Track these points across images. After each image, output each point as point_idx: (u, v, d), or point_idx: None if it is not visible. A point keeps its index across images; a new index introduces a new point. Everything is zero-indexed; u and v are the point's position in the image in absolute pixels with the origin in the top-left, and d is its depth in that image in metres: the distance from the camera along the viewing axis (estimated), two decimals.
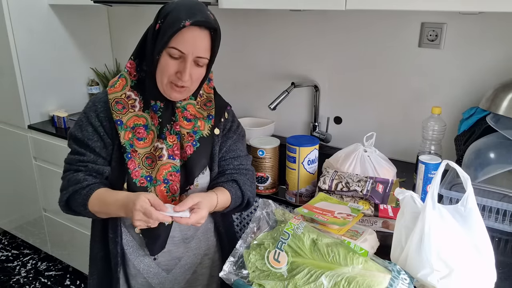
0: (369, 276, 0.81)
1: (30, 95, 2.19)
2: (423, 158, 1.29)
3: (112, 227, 1.14)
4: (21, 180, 2.44)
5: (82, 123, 1.09)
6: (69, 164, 1.11)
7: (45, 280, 2.45)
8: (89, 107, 1.10)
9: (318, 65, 1.86)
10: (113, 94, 1.07)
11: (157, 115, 1.08)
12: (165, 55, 1.01)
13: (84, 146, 1.09)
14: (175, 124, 1.09)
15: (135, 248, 1.17)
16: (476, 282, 0.85)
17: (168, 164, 1.08)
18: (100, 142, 1.08)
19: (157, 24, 1.01)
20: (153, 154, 1.08)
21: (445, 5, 1.20)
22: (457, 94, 1.58)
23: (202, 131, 1.12)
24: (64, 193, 1.09)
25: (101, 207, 1.05)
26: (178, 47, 0.99)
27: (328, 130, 1.90)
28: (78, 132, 1.09)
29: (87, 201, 1.05)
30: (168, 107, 1.09)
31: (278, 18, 1.90)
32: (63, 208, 1.12)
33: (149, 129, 1.08)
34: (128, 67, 1.09)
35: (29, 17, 2.12)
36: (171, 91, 1.05)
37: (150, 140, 1.08)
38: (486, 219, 1.18)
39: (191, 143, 1.10)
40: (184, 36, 0.98)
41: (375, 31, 1.68)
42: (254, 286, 0.87)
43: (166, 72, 1.02)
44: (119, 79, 1.09)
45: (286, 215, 1.00)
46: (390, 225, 1.17)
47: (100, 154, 1.09)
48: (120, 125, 1.06)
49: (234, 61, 2.11)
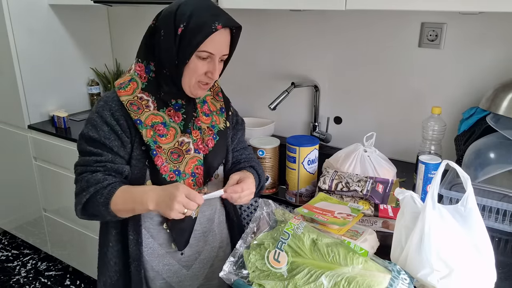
0: (369, 276, 0.81)
1: (30, 95, 2.19)
2: (423, 158, 1.29)
3: (134, 228, 1.12)
4: (21, 180, 2.44)
5: (97, 123, 1.07)
6: (84, 166, 1.07)
7: (45, 280, 2.45)
8: (101, 106, 1.08)
9: (318, 65, 1.86)
10: (125, 97, 1.07)
11: (180, 112, 1.10)
12: (194, 58, 1.03)
13: (101, 146, 1.06)
14: (197, 119, 1.13)
15: (154, 248, 1.16)
16: (476, 282, 0.85)
17: (194, 158, 1.11)
18: (117, 141, 1.07)
19: (179, 28, 1.01)
20: (178, 148, 1.09)
21: (445, 5, 1.20)
22: (457, 94, 1.58)
23: (219, 125, 1.18)
24: (83, 194, 1.04)
25: (126, 204, 1.02)
26: (208, 49, 1.02)
27: (328, 130, 1.90)
28: (93, 132, 1.06)
29: (109, 199, 1.01)
30: (190, 104, 1.12)
31: (278, 18, 1.90)
32: (80, 212, 1.07)
33: (168, 125, 1.09)
34: (138, 71, 1.09)
35: (29, 17, 2.12)
36: (198, 90, 1.08)
37: (172, 136, 1.09)
38: (486, 219, 1.18)
39: (212, 137, 1.15)
40: (215, 39, 1.02)
41: (375, 31, 1.68)
42: (254, 286, 0.87)
43: (195, 74, 1.05)
44: (130, 83, 1.08)
45: (286, 215, 1.00)
46: (390, 225, 1.17)
47: (118, 153, 1.07)
48: (140, 124, 1.06)
49: (234, 61, 2.09)
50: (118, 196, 1.02)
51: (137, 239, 1.13)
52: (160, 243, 1.16)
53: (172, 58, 1.03)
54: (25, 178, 2.40)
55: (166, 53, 1.04)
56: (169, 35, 1.02)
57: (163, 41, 1.04)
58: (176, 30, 1.01)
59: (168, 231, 1.14)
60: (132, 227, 1.12)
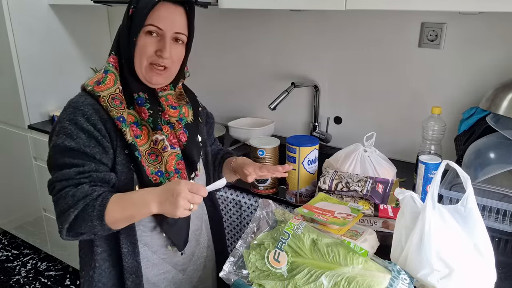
0: (369, 276, 0.81)
1: (30, 95, 2.19)
2: (423, 158, 1.29)
3: (128, 239, 1.04)
4: (21, 180, 2.44)
5: (71, 131, 0.96)
6: (64, 181, 0.94)
7: (45, 280, 2.45)
8: (72, 113, 0.98)
9: (318, 65, 1.86)
10: (106, 91, 1.00)
11: (145, 107, 1.03)
12: (142, 35, 1.00)
13: (81, 155, 0.96)
14: (163, 114, 1.07)
15: (149, 257, 1.09)
16: (476, 282, 0.85)
17: (173, 154, 1.06)
18: (98, 147, 0.98)
19: (130, 9, 1.01)
20: (154, 148, 1.03)
21: (445, 5, 1.20)
22: (457, 94, 1.58)
23: (187, 117, 1.13)
24: (70, 211, 0.92)
25: (125, 211, 0.92)
26: (155, 23, 0.99)
27: (328, 130, 1.90)
28: (69, 142, 0.95)
29: (104, 211, 0.91)
30: (152, 97, 1.06)
31: (278, 18, 1.90)
32: (67, 232, 0.94)
33: (140, 124, 1.03)
34: (112, 62, 1.04)
35: (29, 17, 2.12)
36: (151, 74, 1.02)
37: (146, 136, 1.03)
38: (486, 219, 1.18)
39: (183, 130, 1.10)
40: (160, 12, 0.99)
41: (375, 31, 1.68)
42: (254, 286, 0.87)
43: (145, 53, 1.00)
44: (107, 75, 1.02)
45: (286, 215, 1.00)
46: (390, 225, 1.17)
47: (101, 160, 0.98)
48: (123, 121, 0.99)
49: (234, 61, 2.11)
50: (112, 206, 0.92)
51: (133, 250, 1.04)
52: (154, 250, 1.09)
53: (125, 41, 1.01)
54: (25, 178, 2.40)
55: (122, 38, 1.02)
56: (124, 19, 1.02)
57: (121, 27, 1.03)
58: (128, 12, 1.01)
59: (164, 234, 1.08)
60: (126, 238, 1.03)
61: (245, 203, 1.50)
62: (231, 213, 1.56)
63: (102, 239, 1.04)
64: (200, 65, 2.22)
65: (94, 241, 1.04)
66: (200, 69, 2.23)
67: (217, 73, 2.20)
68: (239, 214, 1.53)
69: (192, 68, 2.42)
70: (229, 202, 1.54)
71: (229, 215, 1.57)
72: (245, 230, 0.98)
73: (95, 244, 1.04)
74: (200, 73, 2.25)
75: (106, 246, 1.05)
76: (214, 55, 2.16)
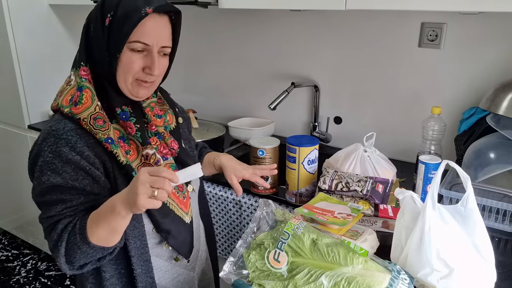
0: (369, 276, 0.81)
1: (30, 95, 2.19)
2: (423, 158, 1.29)
3: (141, 258, 0.99)
4: (21, 180, 2.44)
5: (56, 166, 0.87)
6: (50, 218, 0.89)
7: (45, 280, 2.45)
8: (54, 143, 0.88)
9: (318, 65, 1.86)
10: (86, 111, 0.90)
11: (131, 122, 0.95)
12: (126, 51, 0.90)
13: (68, 190, 0.88)
14: (150, 125, 1.01)
15: (161, 267, 1.06)
16: (476, 282, 0.85)
17: (167, 165, 1.01)
18: (87, 178, 0.89)
19: (107, 18, 0.89)
20: (146, 163, 0.97)
21: (445, 5, 1.20)
22: (457, 94, 1.58)
23: (171, 124, 1.07)
24: (58, 246, 0.87)
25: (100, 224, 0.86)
26: (141, 39, 0.89)
27: (328, 130, 1.90)
28: (55, 178, 0.87)
29: (85, 234, 0.85)
30: (137, 110, 0.98)
31: (278, 18, 1.90)
32: (68, 266, 0.90)
33: (127, 139, 0.96)
34: (84, 75, 0.93)
35: (29, 17, 2.12)
36: (138, 89, 0.95)
37: (135, 150, 0.96)
38: (486, 219, 1.18)
39: (173, 138, 1.05)
40: (146, 26, 0.89)
41: (375, 31, 1.68)
42: (254, 286, 0.87)
43: (131, 70, 0.91)
44: (82, 92, 0.91)
45: (286, 215, 1.00)
46: (390, 225, 1.17)
47: (92, 192, 0.90)
48: (112, 143, 0.91)
49: (234, 61, 2.11)
50: (90, 224, 0.86)
51: (146, 269, 1.01)
52: (165, 259, 1.07)
53: (103, 55, 0.91)
54: (25, 178, 2.38)
55: (96, 51, 0.92)
56: (97, 29, 0.90)
57: (93, 37, 0.91)
58: (103, 21, 0.90)
59: (170, 248, 1.05)
60: (138, 259, 0.99)
61: (245, 203, 1.50)
62: (231, 213, 1.55)
63: (108, 265, 0.98)
64: (200, 65, 2.22)
65: (101, 268, 0.98)
66: (200, 69, 2.23)
67: (217, 73, 2.20)
68: (239, 214, 1.53)
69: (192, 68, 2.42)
70: (229, 202, 1.54)
71: (229, 215, 1.57)
72: (245, 230, 0.98)
73: (101, 271, 0.98)
74: (200, 73, 2.25)
75: (114, 271, 1.00)
76: (214, 55, 2.17)
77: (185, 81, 2.30)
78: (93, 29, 0.92)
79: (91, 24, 0.93)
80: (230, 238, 1.60)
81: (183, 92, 2.34)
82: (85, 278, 1.02)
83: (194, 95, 2.30)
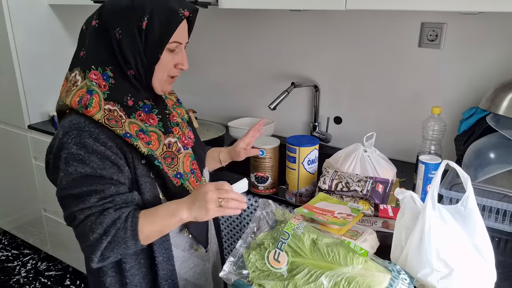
0: (369, 276, 0.81)
1: (30, 95, 2.19)
2: (423, 158, 1.29)
3: (162, 246, 1.02)
4: (21, 180, 2.44)
5: (82, 156, 0.90)
6: (87, 209, 0.89)
7: (45, 280, 2.45)
8: (77, 135, 0.91)
9: (318, 65, 1.86)
10: (98, 114, 0.92)
11: (153, 114, 1.01)
12: (164, 52, 0.96)
13: (98, 179, 0.90)
14: (171, 116, 1.08)
15: (179, 257, 1.10)
16: (476, 282, 0.85)
17: (187, 155, 1.07)
18: (113, 167, 0.92)
19: (143, 22, 0.92)
20: (169, 151, 1.02)
21: (445, 5, 1.20)
22: (457, 94, 1.58)
23: (184, 116, 1.15)
24: (102, 240, 0.87)
25: (154, 225, 0.91)
26: (177, 39, 0.97)
27: (328, 130, 1.90)
28: (82, 168, 0.89)
29: (136, 231, 0.89)
30: (159, 102, 1.04)
31: (278, 18, 1.90)
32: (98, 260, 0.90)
33: (147, 131, 0.99)
34: (95, 79, 0.95)
35: (29, 17, 2.12)
36: (168, 85, 1.03)
37: (156, 141, 1.00)
38: (486, 219, 1.18)
39: (189, 128, 1.13)
40: (180, 27, 0.96)
41: (375, 31, 1.68)
42: (254, 286, 0.87)
43: (166, 68, 0.99)
44: (92, 96, 0.93)
45: (286, 215, 1.00)
46: (390, 225, 1.17)
47: (119, 181, 0.93)
48: (131, 137, 0.94)
49: (234, 61, 2.11)
50: (142, 223, 0.90)
51: (168, 257, 1.04)
52: (183, 248, 1.10)
53: (139, 57, 0.94)
54: (25, 178, 2.40)
55: (131, 54, 0.94)
56: (130, 32, 0.92)
57: (124, 41, 0.93)
58: (139, 25, 0.92)
59: (190, 236, 1.10)
60: (160, 246, 1.02)
61: None
62: None
63: (128, 256, 1.01)
64: (200, 65, 2.22)
65: (121, 260, 1.01)
66: (200, 69, 2.23)
67: (216, 73, 2.20)
68: (239, 214, 1.53)
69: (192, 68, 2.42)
70: None
71: (229, 215, 1.56)
72: (245, 230, 0.98)
73: (122, 262, 1.01)
74: (199, 73, 2.25)
75: (133, 261, 1.02)
76: (214, 55, 2.16)
77: (185, 81, 2.30)
78: (122, 32, 0.93)
79: (118, 28, 0.93)
80: (230, 238, 1.60)
81: (183, 92, 2.33)
82: (104, 273, 1.03)
83: (194, 95, 2.30)
